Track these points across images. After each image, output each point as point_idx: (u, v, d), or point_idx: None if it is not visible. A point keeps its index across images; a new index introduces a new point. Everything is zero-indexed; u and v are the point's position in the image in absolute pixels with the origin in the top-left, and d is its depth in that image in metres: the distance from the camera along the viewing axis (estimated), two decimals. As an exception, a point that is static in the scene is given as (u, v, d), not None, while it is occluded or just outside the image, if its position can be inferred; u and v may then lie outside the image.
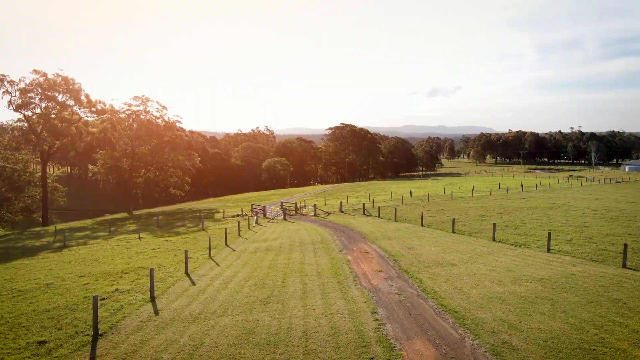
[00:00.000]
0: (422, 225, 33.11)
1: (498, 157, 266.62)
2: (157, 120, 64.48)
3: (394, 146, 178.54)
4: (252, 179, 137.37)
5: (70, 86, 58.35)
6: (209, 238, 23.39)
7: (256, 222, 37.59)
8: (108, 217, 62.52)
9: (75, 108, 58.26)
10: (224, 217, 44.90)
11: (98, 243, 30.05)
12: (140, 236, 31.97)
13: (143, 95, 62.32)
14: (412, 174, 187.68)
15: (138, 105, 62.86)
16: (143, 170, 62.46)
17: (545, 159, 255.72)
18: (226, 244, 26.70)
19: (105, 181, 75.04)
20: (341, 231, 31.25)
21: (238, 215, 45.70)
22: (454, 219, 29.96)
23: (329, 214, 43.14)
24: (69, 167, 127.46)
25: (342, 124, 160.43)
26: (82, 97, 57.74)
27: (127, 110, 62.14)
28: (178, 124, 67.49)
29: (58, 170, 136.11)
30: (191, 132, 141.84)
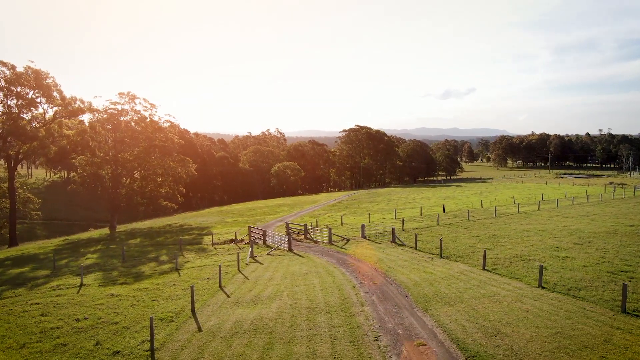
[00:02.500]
0: (484, 268, 23.17)
1: (519, 161, 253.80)
2: (146, 120, 55.50)
3: (412, 149, 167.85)
4: (261, 184, 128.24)
5: (43, 81, 49.66)
6: (148, 317, 13.85)
7: (251, 257, 28.02)
8: (85, 234, 53.77)
9: (47, 106, 49.64)
10: (212, 245, 35.34)
11: (16, 296, 20.78)
12: (84, 282, 22.61)
13: (129, 92, 53.35)
14: (431, 178, 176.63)
15: (123, 104, 53.90)
16: (128, 180, 53.41)
17: (569, 163, 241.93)
18: (193, 310, 17.14)
19: (103, 189, 66.60)
20: (369, 279, 21.52)
21: (232, 241, 36.17)
22: (541, 266, 19.96)
23: (347, 240, 33.39)
24: (65, 172, 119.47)
25: (357, 126, 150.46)
26: (55, 94, 48.95)
27: (111, 109, 53.19)
28: (169, 124, 58.44)
29: (54, 175, 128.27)
30: (196, 134, 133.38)
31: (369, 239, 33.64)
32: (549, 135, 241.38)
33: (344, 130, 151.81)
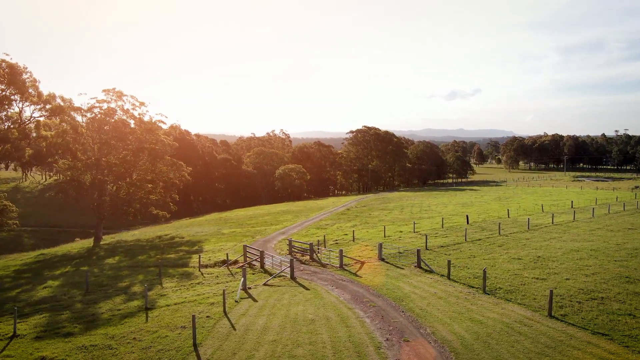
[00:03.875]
0: (550, 315, 17.37)
1: (531, 163, 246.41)
2: (136, 120, 50.27)
3: (421, 151, 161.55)
4: (265, 187, 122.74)
5: (19, 76, 44.43)
6: None
7: (243, 288, 22.39)
8: (65, 247, 48.50)
9: (21, 104, 44.42)
10: (199, 268, 29.71)
11: None
12: (18, 331, 17.13)
13: (114, 88, 48.12)
14: (442, 181, 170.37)
15: (109, 102, 48.66)
16: (115, 187, 48.07)
17: (583, 165, 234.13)
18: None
19: (85, 196, 61.67)
20: (398, 332, 15.83)
21: (223, 263, 30.59)
22: (647, 323, 14.19)
23: (362, 264, 27.70)
24: (60, 175, 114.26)
25: (364, 126, 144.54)
26: (30, 90, 43.76)
27: (95, 107, 47.98)
28: (163, 125, 53.14)
29: (50, 178, 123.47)
30: (197, 135, 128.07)
31: (387, 262, 27.91)
32: (562, 137, 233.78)
33: (351, 132, 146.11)
